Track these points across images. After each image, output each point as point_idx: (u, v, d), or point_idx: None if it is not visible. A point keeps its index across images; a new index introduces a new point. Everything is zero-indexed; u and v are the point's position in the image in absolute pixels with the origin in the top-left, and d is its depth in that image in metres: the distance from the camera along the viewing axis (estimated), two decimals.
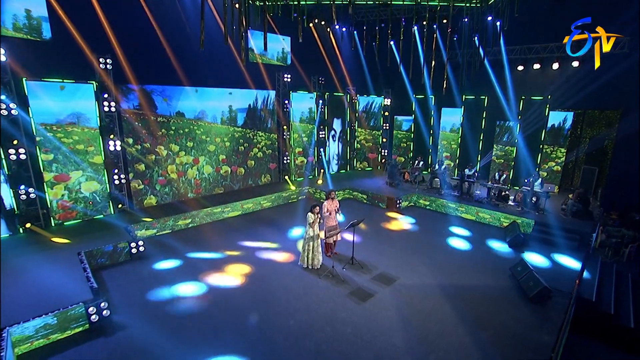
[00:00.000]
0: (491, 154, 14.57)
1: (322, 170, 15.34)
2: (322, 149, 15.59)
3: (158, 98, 10.78)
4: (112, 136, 9.83)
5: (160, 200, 11.23)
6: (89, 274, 6.84)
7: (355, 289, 7.20)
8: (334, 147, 16.44)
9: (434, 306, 6.70)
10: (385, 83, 16.56)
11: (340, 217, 8.40)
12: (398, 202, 12.28)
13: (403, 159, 16.94)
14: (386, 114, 17.20)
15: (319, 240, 7.90)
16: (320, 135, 15.52)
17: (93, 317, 5.92)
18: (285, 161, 14.71)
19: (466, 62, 13.87)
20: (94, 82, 9.33)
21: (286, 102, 14.12)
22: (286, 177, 14.31)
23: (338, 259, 8.30)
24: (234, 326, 6.04)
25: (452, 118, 15.68)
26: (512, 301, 6.86)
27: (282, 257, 8.50)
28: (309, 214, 7.75)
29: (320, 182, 13.70)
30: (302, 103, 14.76)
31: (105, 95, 9.53)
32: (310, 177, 14.93)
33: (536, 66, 12.87)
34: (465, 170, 13.21)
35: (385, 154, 17.42)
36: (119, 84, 9.85)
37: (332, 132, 16.33)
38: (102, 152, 9.76)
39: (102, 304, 6.01)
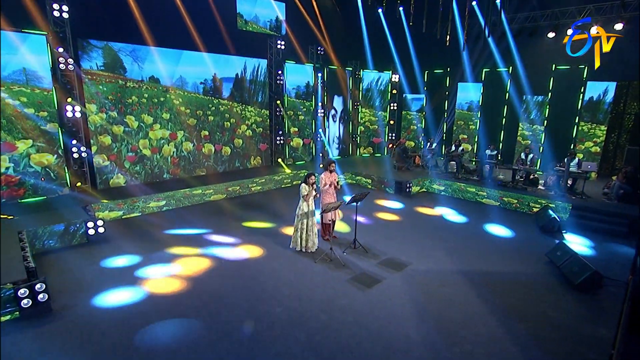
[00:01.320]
0: (515, 134, 13.79)
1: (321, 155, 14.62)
2: (320, 130, 14.79)
3: (127, 59, 9.99)
4: (69, 100, 9.00)
5: (130, 180, 10.44)
6: (27, 253, 5.97)
7: (358, 274, 6.42)
8: (334, 129, 15.85)
9: (456, 293, 5.90)
10: (392, 57, 15.90)
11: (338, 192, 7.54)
12: (408, 186, 11.57)
13: (413, 144, 16.22)
14: (394, 92, 16.58)
15: (315, 218, 7.10)
16: (319, 114, 14.80)
17: (25, 301, 5.05)
18: (278, 141, 13.93)
19: (488, 29, 13.07)
20: (46, 33, 8.51)
21: (280, 72, 13.44)
22: (279, 160, 13.52)
23: (337, 243, 7.63)
24: (205, 315, 5.20)
25: (469, 95, 14.93)
26: (552, 289, 6.07)
27: (270, 240, 7.88)
28: (302, 185, 7.02)
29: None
30: (298, 76, 14.19)
31: (61, 50, 8.70)
32: (302, 162, 14.32)
33: (569, 32, 12.02)
34: (487, 151, 12.42)
35: (393, 137, 16.65)
36: (79, 37, 9.07)
37: (332, 112, 15.72)
38: (58, 119, 8.92)
39: (38, 286, 5.13)
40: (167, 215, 9.32)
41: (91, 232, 7.57)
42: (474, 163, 13.18)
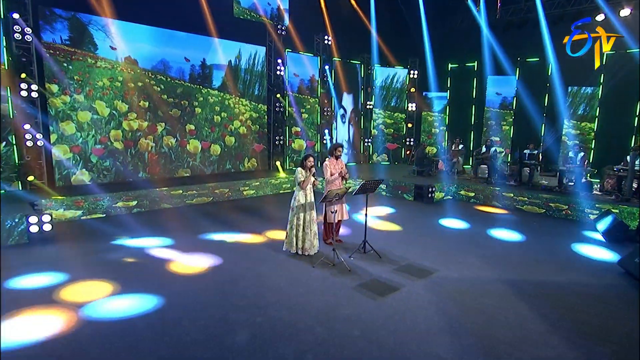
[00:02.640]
0: (560, 133, 12.79)
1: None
2: (327, 131, 14.18)
3: (99, 34, 9.43)
4: (24, 76, 8.32)
5: (96, 178, 9.66)
6: None
7: (367, 281, 5.45)
8: (342, 131, 15.29)
9: (501, 306, 4.84)
10: (411, 50, 15.32)
11: (345, 185, 6.66)
12: (430, 192, 10.76)
13: (435, 150, 15.36)
14: (412, 90, 15.94)
15: (314, 212, 6.22)
16: (325, 113, 14.13)
17: None
18: (277, 142, 13.17)
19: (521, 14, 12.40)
20: None
21: (279, 61, 12.90)
22: (277, 164, 12.70)
23: (343, 247, 6.76)
24: (158, 328, 4.17)
25: (502, 89, 14.10)
26: (634, 305, 4.92)
27: (257, 239, 7.08)
28: (298, 169, 6.16)
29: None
30: (302, 67, 13.69)
31: (16, 16, 8.10)
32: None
33: (624, 12, 11.09)
34: (525, 151, 11.45)
35: (411, 143, 15.82)
36: (41, 4, 8.54)
37: (341, 111, 15.14)
38: (9, 100, 8.23)
39: None
40: (138, 218, 8.48)
41: (34, 229, 6.65)
42: (509, 165, 12.13)
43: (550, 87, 13.11)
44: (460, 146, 13.09)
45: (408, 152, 15.98)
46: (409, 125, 16.09)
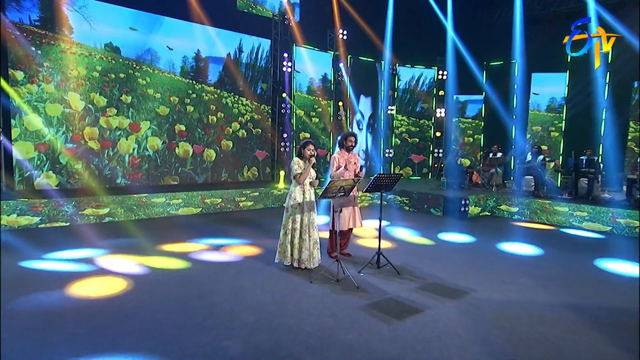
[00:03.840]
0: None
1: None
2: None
3: (76, 16, 9.10)
4: None
5: (65, 182, 9.11)
6: None
7: (380, 300, 4.66)
8: (359, 140, 14.13)
9: (566, 336, 3.97)
10: (439, 47, 14.75)
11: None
12: (463, 205, 10.03)
13: (469, 162, 14.67)
14: (441, 93, 15.35)
15: (314, 215, 5.53)
16: (339, 118, 13.78)
17: None
18: (283, 149, 12.55)
19: None
20: None
21: (285, 55, 12.52)
22: (281, 173, 12.00)
23: (352, 262, 6.01)
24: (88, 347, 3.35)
25: (549, 88, 13.22)
26: None
27: (246, 250, 6.42)
28: (295, 159, 5.54)
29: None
30: (313, 64, 13.27)
31: None
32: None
33: None
34: (582, 157, 10.54)
35: (440, 154, 15.15)
36: None
37: (357, 117, 14.57)
38: None
39: None
40: (107, 229, 7.83)
41: None
42: (560, 176, 11.16)
43: (611, 83, 12.16)
44: (499, 154, 12.19)
45: (436, 165, 15.19)
46: (437, 133, 15.42)
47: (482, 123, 14.87)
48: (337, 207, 5.44)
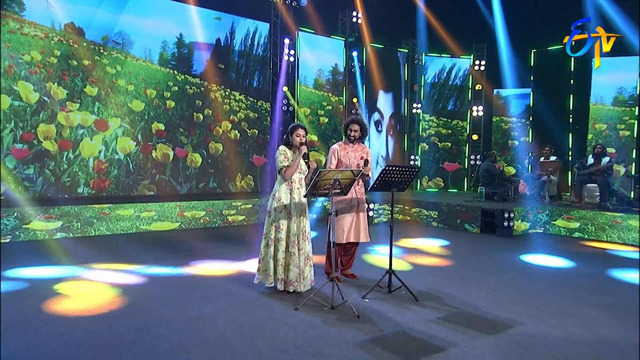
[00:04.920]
0: None
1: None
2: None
3: None
4: None
5: (13, 190, 8.78)
6: None
7: (388, 334, 4.13)
8: (377, 144, 14.38)
9: None
10: (476, 32, 14.39)
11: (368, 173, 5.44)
12: (507, 219, 9.49)
13: (514, 170, 14.11)
14: (478, 87, 14.88)
15: (306, 221, 5.05)
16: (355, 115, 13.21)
17: None
18: None
19: None
20: None
21: (287, 42, 12.23)
22: None
23: (356, 285, 5.47)
24: None
25: (617, 77, 12.54)
26: None
27: (223, 271, 6.02)
28: (281, 148, 5.10)
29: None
30: (320, 53, 13.00)
31: None
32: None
33: None
34: None
35: (478, 161, 14.64)
36: None
37: (375, 117, 14.36)
38: None
39: None
40: (56, 247, 7.39)
41: None
42: (634, 185, 10.55)
43: None
44: (553, 158, 11.58)
45: (472, 175, 14.61)
46: (474, 136, 14.87)
47: (530, 122, 14.31)
48: (333, 210, 4.76)
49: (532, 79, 14.21)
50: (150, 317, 4.20)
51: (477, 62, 14.73)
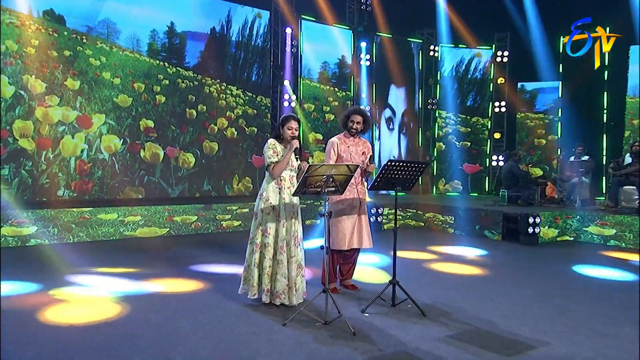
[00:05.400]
0: None
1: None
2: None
3: None
4: None
5: None
6: None
7: (387, 355, 3.84)
8: (389, 143, 14.66)
9: None
10: (498, 21, 14.35)
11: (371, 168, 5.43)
12: (531, 225, 9.34)
13: (540, 172, 14.08)
14: (501, 81, 14.97)
15: (298, 225, 4.93)
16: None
17: None
18: None
19: None
20: None
21: (289, 31, 12.37)
22: None
23: (356, 297, 5.30)
24: None
25: None
26: None
27: (204, 283, 5.86)
28: (270, 142, 4.93)
29: None
30: (326, 45, 13.23)
31: None
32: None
33: None
34: None
35: (501, 161, 14.61)
36: None
37: (387, 113, 14.59)
38: None
39: None
40: (26, 256, 7.32)
41: None
42: None
43: None
44: (585, 157, 11.57)
45: (495, 177, 14.56)
46: (497, 135, 14.93)
47: (559, 118, 14.33)
48: (326, 211, 4.51)
49: (561, 70, 14.21)
50: (114, 334, 3.97)
51: (499, 53, 14.92)
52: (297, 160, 4.75)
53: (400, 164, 4.66)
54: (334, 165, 4.27)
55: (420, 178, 4.98)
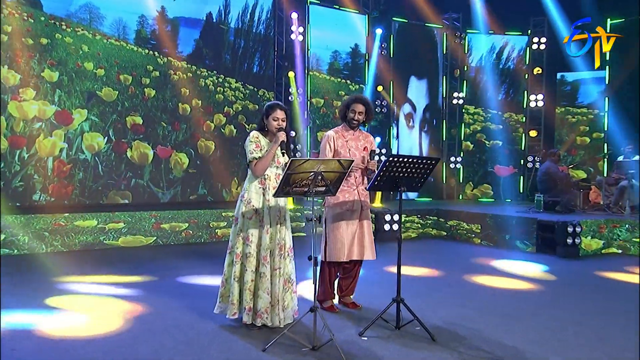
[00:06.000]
0: None
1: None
2: (378, 140, 13.21)
3: None
4: None
5: None
6: None
7: None
8: (408, 142, 14.74)
9: None
10: (534, 4, 14.13)
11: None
12: (571, 234, 9.22)
13: (583, 174, 13.96)
14: (537, 71, 14.71)
15: (286, 232, 4.78)
16: (377, 110, 13.47)
17: None
18: (293, 153, 12.03)
19: None
20: None
21: (295, 17, 12.22)
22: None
23: (357, 317, 5.15)
24: None
25: None
26: None
27: (179, 301, 5.68)
28: (252, 134, 4.84)
29: None
30: (336, 32, 13.21)
31: None
32: None
33: None
34: None
35: (538, 162, 14.32)
36: None
37: (406, 109, 14.56)
38: None
39: None
40: None
41: None
42: None
43: None
44: (636, 157, 11.38)
45: (530, 180, 14.36)
46: (532, 133, 14.68)
47: (606, 113, 14.11)
48: (316, 216, 4.22)
49: (607, 58, 13.96)
50: None
51: (535, 40, 14.65)
52: (283, 156, 4.57)
53: (405, 160, 4.43)
54: (321, 160, 4.01)
55: (429, 177, 4.72)
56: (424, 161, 4.63)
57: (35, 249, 8.19)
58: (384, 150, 13.22)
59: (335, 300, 5.32)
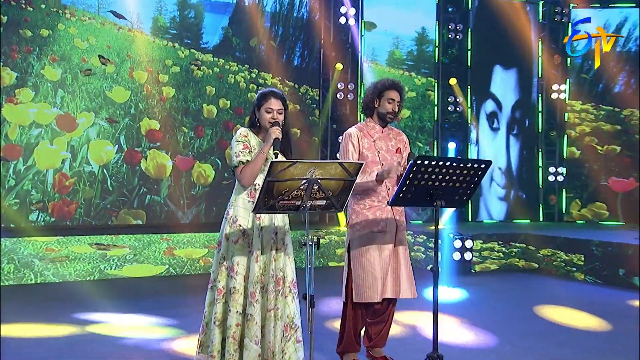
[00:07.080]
0: None
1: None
2: (453, 146, 13.62)
3: None
4: None
5: None
6: None
7: None
8: (491, 148, 14.61)
9: None
10: None
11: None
12: None
13: None
14: None
15: (284, 257, 4.59)
16: (450, 109, 13.64)
17: None
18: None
19: None
20: None
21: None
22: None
23: None
24: None
25: None
26: None
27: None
28: (240, 131, 4.57)
29: None
30: (398, 12, 13.25)
31: None
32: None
33: None
34: None
35: None
36: None
37: (489, 107, 14.57)
38: None
39: None
40: None
41: None
42: None
43: None
44: None
45: None
46: None
47: None
48: (308, 239, 3.90)
49: None
50: None
51: None
52: (277, 158, 4.21)
53: (440, 164, 4.02)
54: (315, 163, 3.62)
55: (478, 187, 4.22)
56: (469, 165, 4.18)
57: (31, 275, 8.34)
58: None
59: (360, 354, 5.04)
